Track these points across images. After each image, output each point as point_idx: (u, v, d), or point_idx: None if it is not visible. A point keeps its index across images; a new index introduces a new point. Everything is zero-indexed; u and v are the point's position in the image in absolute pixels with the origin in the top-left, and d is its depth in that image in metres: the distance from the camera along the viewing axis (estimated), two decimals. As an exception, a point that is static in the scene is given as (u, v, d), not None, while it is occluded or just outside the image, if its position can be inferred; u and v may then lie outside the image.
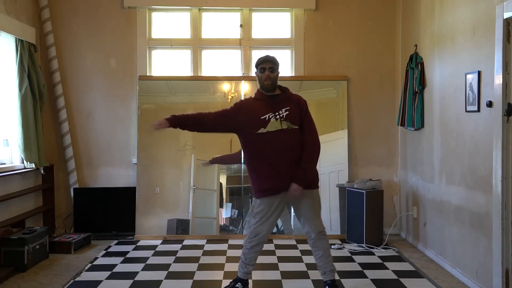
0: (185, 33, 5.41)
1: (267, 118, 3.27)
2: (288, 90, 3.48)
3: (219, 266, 4.13)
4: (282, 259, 4.33)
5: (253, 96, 3.55)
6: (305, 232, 3.36)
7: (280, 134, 3.24)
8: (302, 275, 3.89)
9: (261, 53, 5.34)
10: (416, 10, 4.76)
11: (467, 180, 3.69)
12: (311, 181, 3.31)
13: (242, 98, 5.16)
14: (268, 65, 3.35)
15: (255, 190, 3.35)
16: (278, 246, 4.75)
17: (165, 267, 4.11)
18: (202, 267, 4.12)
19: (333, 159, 5.22)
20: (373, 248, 4.63)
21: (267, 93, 3.39)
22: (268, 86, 3.36)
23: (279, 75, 3.45)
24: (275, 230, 5.12)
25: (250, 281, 3.70)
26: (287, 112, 3.29)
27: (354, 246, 4.70)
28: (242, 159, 5.05)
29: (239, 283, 3.47)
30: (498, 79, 3.20)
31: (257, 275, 3.87)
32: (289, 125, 3.27)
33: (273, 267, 4.10)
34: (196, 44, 5.38)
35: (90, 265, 4.18)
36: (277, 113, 3.29)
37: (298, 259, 4.31)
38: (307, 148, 3.27)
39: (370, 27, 5.34)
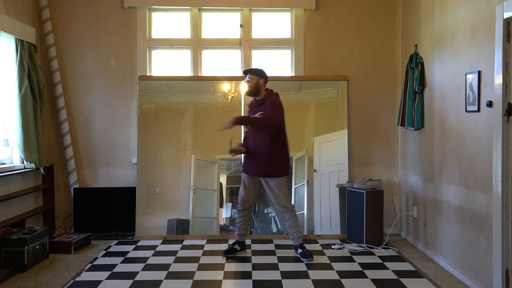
0: (185, 33, 5.41)
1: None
2: (268, 96, 4.27)
3: (219, 266, 4.13)
4: (282, 259, 4.33)
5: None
6: (274, 208, 4.72)
7: (255, 131, 4.27)
8: (302, 275, 3.89)
9: (261, 53, 5.45)
10: (416, 10, 4.76)
11: (467, 180, 3.69)
12: (272, 172, 4.25)
13: (242, 98, 5.21)
14: (245, 77, 4.30)
15: None
16: (278, 246, 4.75)
17: (165, 267, 4.11)
18: (202, 267, 4.12)
19: (333, 159, 5.21)
20: (373, 248, 4.63)
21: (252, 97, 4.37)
22: (247, 93, 4.34)
23: (268, 79, 4.31)
24: (275, 230, 5.13)
25: (250, 281, 3.73)
26: (260, 116, 4.16)
27: (354, 246, 4.70)
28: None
29: (236, 245, 4.44)
30: (498, 79, 3.20)
31: (257, 275, 3.88)
32: None
33: (273, 267, 4.10)
34: (196, 44, 5.38)
35: (90, 265, 4.18)
36: (255, 116, 4.22)
37: (298, 259, 4.30)
38: (260, 117, 4.16)
39: (370, 27, 5.34)
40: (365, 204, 4.67)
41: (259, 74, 4.26)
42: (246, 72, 4.31)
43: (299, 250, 4.31)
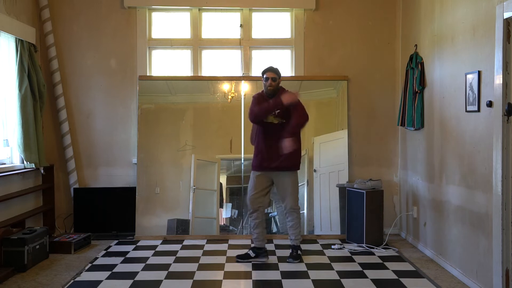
0: (185, 33, 5.41)
1: None
2: (282, 91, 4.24)
3: (219, 266, 4.13)
4: (282, 259, 4.33)
5: (256, 93, 4.41)
6: (282, 206, 4.33)
7: (273, 126, 4.17)
8: (302, 275, 3.89)
9: (261, 53, 5.44)
10: (416, 10, 4.76)
11: (467, 180, 3.69)
12: (293, 164, 4.21)
13: (242, 98, 5.20)
14: (271, 75, 4.20)
15: (252, 164, 4.30)
16: (278, 246, 4.75)
17: (165, 267, 4.11)
18: (202, 267, 4.12)
19: (333, 159, 5.22)
20: (373, 248, 4.63)
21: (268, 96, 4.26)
22: (270, 91, 4.22)
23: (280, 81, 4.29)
24: (275, 230, 5.13)
25: (250, 281, 3.73)
26: (279, 111, 4.15)
27: (354, 246, 4.70)
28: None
29: (263, 251, 4.26)
30: (498, 79, 3.20)
31: (257, 275, 3.88)
32: (280, 120, 4.17)
33: (273, 267, 4.10)
34: (196, 44, 5.38)
35: (90, 265, 4.18)
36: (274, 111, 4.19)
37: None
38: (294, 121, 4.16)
39: (370, 27, 5.34)
40: (365, 204, 4.67)
41: (280, 74, 4.25)
42: (273, 71, 4.20)
43: (299, 251, 4.25)
